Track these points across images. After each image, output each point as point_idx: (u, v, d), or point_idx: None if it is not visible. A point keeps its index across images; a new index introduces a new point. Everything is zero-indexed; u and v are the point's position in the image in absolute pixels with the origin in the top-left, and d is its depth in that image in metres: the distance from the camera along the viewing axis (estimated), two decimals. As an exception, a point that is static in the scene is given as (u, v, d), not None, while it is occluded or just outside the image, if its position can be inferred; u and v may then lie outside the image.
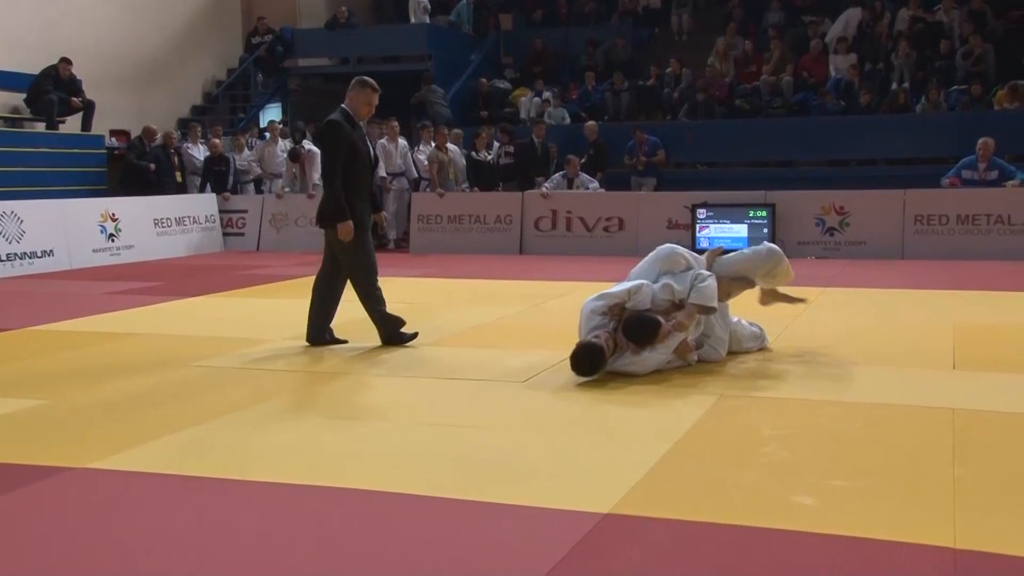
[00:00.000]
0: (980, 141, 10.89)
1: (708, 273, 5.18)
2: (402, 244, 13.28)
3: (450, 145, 13.20)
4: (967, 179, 10.95)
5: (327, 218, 5.77)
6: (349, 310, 7.29)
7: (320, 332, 5.95)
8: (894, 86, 14.00)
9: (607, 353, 4.81)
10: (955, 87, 13.69)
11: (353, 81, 5.92)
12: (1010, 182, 10.70)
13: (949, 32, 14.38)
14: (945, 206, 10.72)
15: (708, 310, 5.05)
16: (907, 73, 14.10)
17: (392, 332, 5.91)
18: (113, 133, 14.87)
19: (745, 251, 5.61)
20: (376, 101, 5.89)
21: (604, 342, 4.81)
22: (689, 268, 5.18)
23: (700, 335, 5.16)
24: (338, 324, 6.08)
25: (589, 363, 4.79)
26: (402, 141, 13.49)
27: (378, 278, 5.95)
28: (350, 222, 5.68)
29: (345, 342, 5.94)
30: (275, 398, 4.65)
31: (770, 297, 5.67)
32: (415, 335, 5.94)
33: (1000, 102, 13.18)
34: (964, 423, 3.96)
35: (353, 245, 5.78)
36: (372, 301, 5.91)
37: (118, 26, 15.54)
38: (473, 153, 13.44)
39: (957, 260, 10.12)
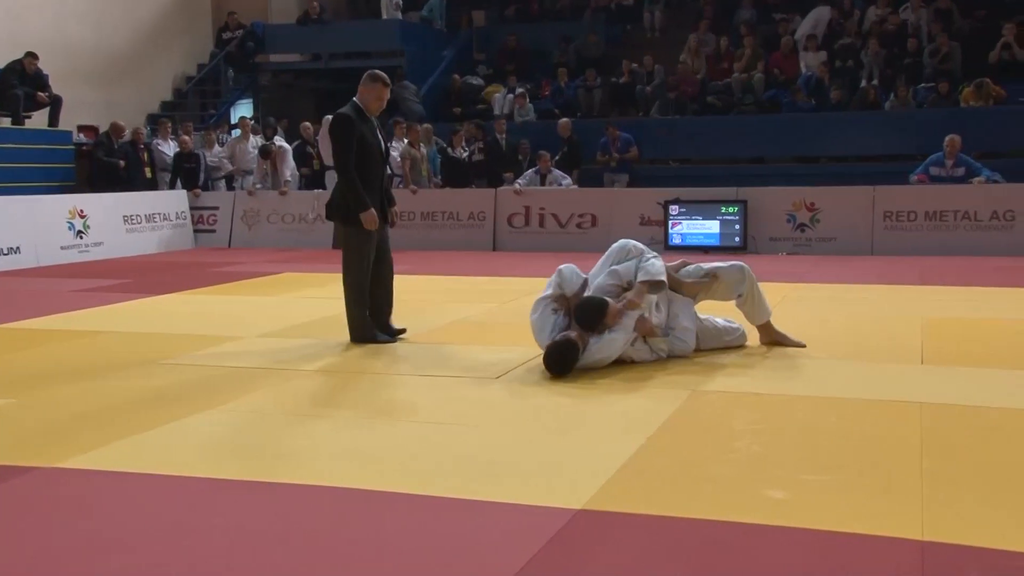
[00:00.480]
0: (947, 138, 11.02)
1: (654, 254, 5.22)
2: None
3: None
4: (935, 176, 11.08)
5: (341, 211, 5.77)
6: (320, 307, 7.27)
7: (383, 328, 5.93)
8: (863, 83, 14.14)
9: (580, 349, 4.83)
10: (923, 85, 13.85)
11: (364, 75, 5.87)
12: (976, 179, 10.84)
13: (916, 30, 14.54)
14: (914, 203, 10.84)
15: (657, 285, 5.02)
16: (876, 71, 14.24)
17: (364, 336, 5.86)
18: (81, 129, 14.69)
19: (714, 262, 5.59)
20: (387, 95, 5.86)
21: (576, 338, 4.82)
22: (640, 256, 5.19)
23: (666, 326, 5.13)
24: (308, 321, 6.05)
25: (561, 358, 4.80)
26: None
27: (368, 288, 5.88)
28: (372, 211, 5.68)
29: (403, 331, 5.98)
30: (245, 396, 4.62)
31: (768, 335, 5.51)
32: (390, 340, 5.89)
33: (966, 100, 13.35)
34: (932, 417, 4.01)
35: (356, 239, 5.77)
36: (355, 299, 5.87)
37: (85, 20, 15.35)
38: (449, 150, 13.42)
39: (925, 256, 10.25)
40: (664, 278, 5.09)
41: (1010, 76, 13.53)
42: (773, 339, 5.49)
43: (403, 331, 5.99)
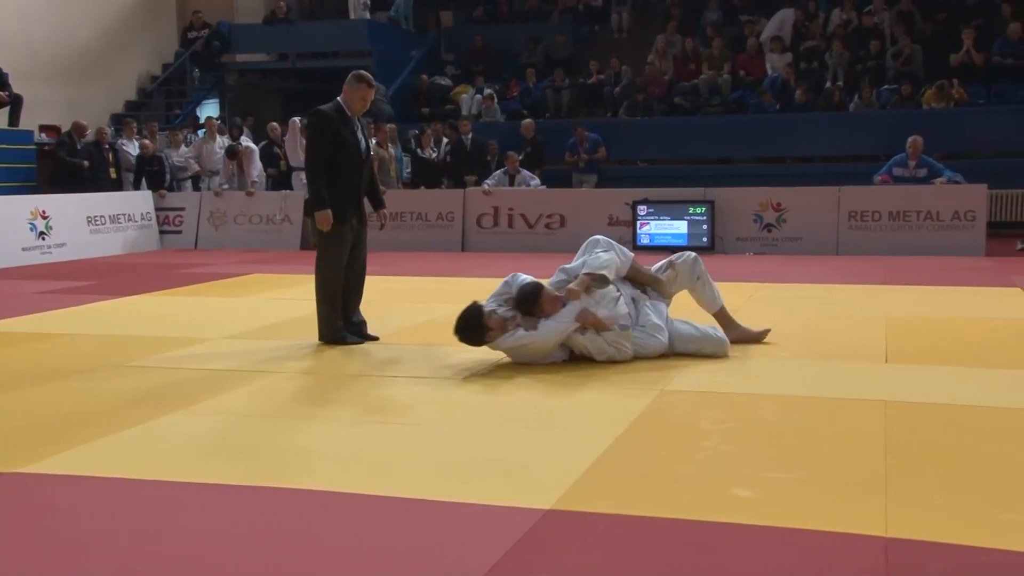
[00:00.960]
0: (910, 139, 11.18)
1: (618, 249, 5.22)
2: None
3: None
4: (898, 176, 11.23)
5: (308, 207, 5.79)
6: (289, 308, 7.23)
7: (349, 328, 5.91)
8: (828, 85, 14.31)
9: (485, 316, 4.90)
10: (886, 87, 14.03)
11: (349, 76, 5.86)
12: (938, 179, 11.00)
13: (879, 33, 14.74)
14: (878, 203, 10.97)
15: (599, 279, 4.99)
16: (841, 72, 14.41)
17: (332, 336, 5.84)
18: (43, 128, 14.49)
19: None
20: (370, 96, 5.83)
21: (489, 309, 4.95)
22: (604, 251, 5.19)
23: (635, 323, 5.09)
24: (277, 322, 6.02)
25: (464, 322, 4.94)
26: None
27: (340, 288, 5.86)
28: (328, 212, 5.66)
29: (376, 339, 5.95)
30: (213, 398, 4.58)
31: (730, 328, 5.49)
32: (359, 341, 5.86)
33: (928, 101, 13.55)
34: (896, 414, 4.06)
35: (327, 237, 5.77)
36: (325, 297, 5.85)
37: (47, 18, 15.14)
38: (419, 151, 13.39)
39: (889, 255, 10.38)
40: (608, 272, 5.01)
41: (969, 79, 13.76)
42: (736, 335, 5.48)
43: (375, 338, 5.93)
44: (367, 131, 6.03)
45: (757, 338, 5.57)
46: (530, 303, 4.98)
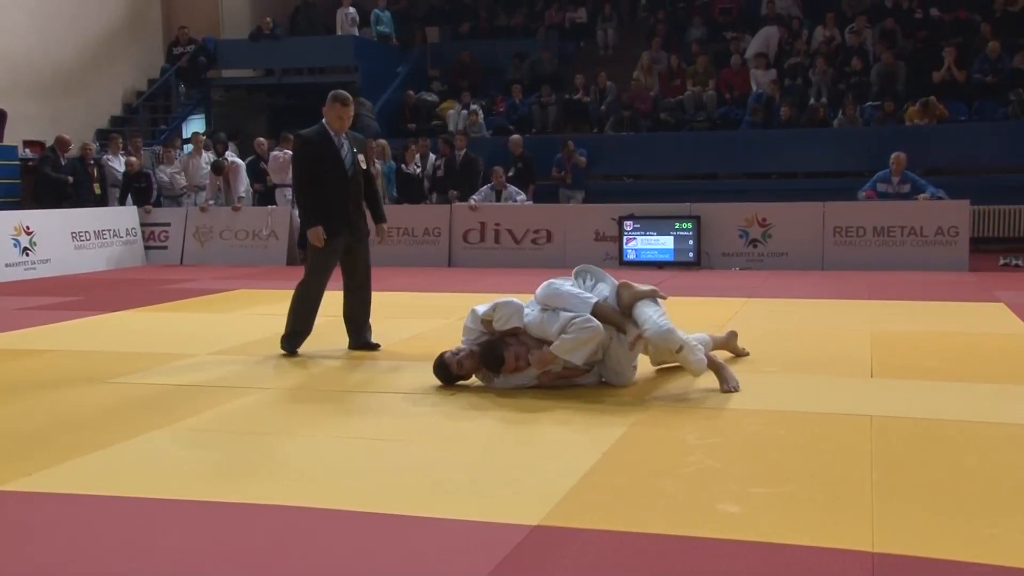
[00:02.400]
0: (893, 156, 11.26)
1: (585, 319, 4.73)
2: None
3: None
4: (882, 192, 11.31)
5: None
6: (275, 324, 7.19)
7: (358, 341, 6.12)
8: (812, 101, 14.42)
9: (453, 368, 4.92)
10: (869, 103, 14.16)
11: (329, 95, 6.05)
12: (921, 195, 11.09)
13: (861, 50, 14.87)
14: (862, 218, 11.04)
15: (566, 363, 4.80)
16: (824, 89, 14.53)
17: (286, 345, 6.01)
18: (27, 144, 14.42)
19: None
20: (347, 114, 5.96)
21: (459, 359, 4.92)
22: (575, 303, 4.85)
23: (598, 362, 4.92)
24: (262, 338, 6.00)
25: (437, 370, 5.00)
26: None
27: (320, 299, 6.03)
28: (319, 228, 5.87)
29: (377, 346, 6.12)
30: (197, 414, 4.56)
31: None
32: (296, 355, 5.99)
33: (911, 118, 13.66)
34: (881, 429, 4.07)
35: (314, 253, 6.00)
36: (296, 308, 6.00)
37: (29, 33, 15.08)
38: (403, 166, 13.39)
39: (874, 271, 10.44)
40: (577, 361, 4.74)
41: (951, 96, 13.90)
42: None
43: (377, 346, 6.12)
44: (367, 147, 6.24)
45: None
46: (492, 368, 4.90)
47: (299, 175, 6.03)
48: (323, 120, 5.99)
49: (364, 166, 6.11)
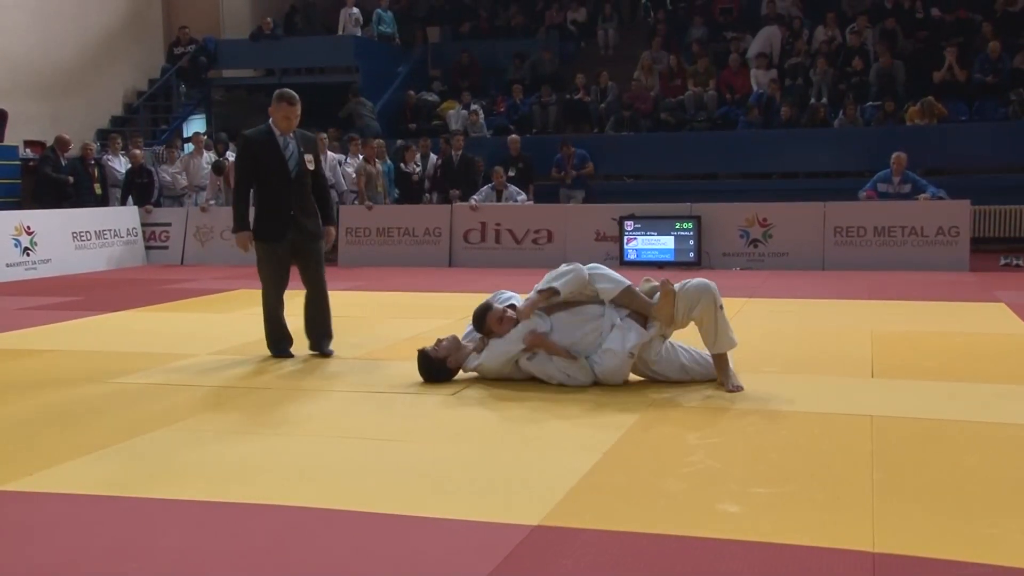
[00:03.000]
0: (894, 156, 11.26)
1: (593, 267, 5.00)
2: (330, 257, 13.13)
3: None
4: (883, 192, 11.31)
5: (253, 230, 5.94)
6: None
7: (315, 346, 6.03)
8: (813, 101, 14.41)
9: (431, 353, 5.07)
10: (870, 103, 14.15)
11: (274, 94, 5.96)
12: (922, 195, 11.08)
13: (862, 50, 14.87)
14: (863, 218, 11.04)
15: (548, 292, 4.88)
16: (825, 89, 14.53)
17: (273, 349, 6.00)
18: (28, 144, 14.42)
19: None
20: (293, 113, 5.81)
21: (437, 343, 5.10)
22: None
23: (595, 345, 4.87)
24: (262, 338, 6.00)
25: (424, 370, 5.10)
26: (331, 153, 13.40)
27: (278, 302, 6.00)
28: (244, 233, 5.86)
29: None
30: (198, 414, 4.56)
31: (721, 371, 4.99)
32: (291, 355, 5.96)
33: (912, 118, 13.66)
34: (882, 429, 4.07)
35: (260, 258, 5.95)
36: (266, 315, 6.01)
37: (29, 33, 15.08)
38: (402, 165, 13.40)
39: (874, 271, 10.44)
40: (558, 285, 4.86)
41: (951, 96, 13.90)
42: (722, 379, 4.87)
43: (330, 353, 5.98)
44: (317, 147, 6.02)
45: (730, 387, 4.85)
46: (479, 323, 5.07)
47: (238, 176, 5.93)
48: (270, 120, 5.88)
49: (311, 166, 5.90)
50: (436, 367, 5.10)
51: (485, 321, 5.04)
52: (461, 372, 5.18)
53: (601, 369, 4.84)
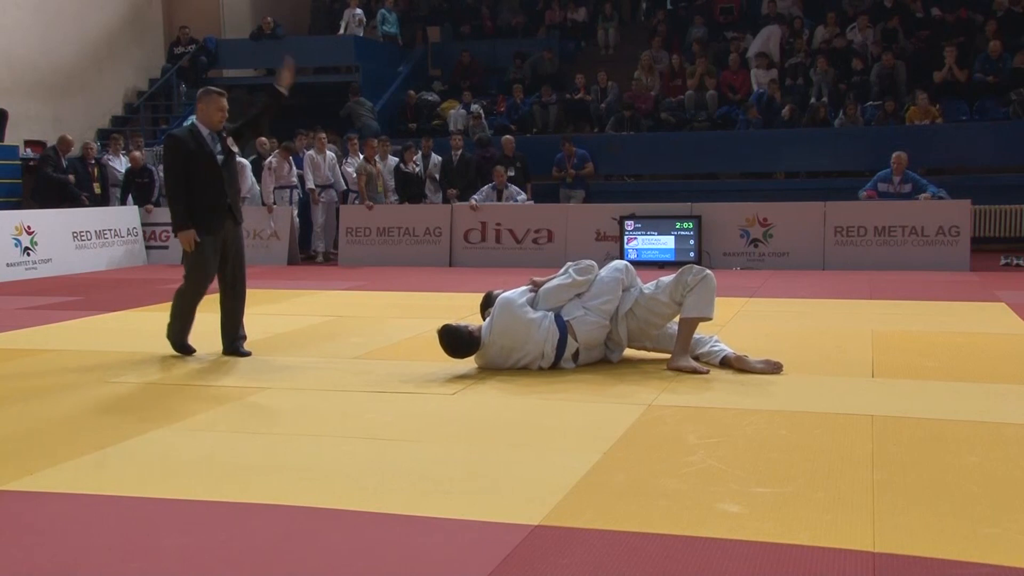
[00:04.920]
0: (894, 155, 11.26)
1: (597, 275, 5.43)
2: (331, 257, 13.16)
3: (386, 157, 13.22)
4: (883, 192, 11.30)
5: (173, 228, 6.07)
6: (275, 324, 7.21)
7: (230, 344, 6.07)
8: (813, 101, 14.41)
9: (463, 329, 5.29)
10: (870, 102, 14.15)
11: (199, 93, 6.09)
12: (922, 195, 11.08)
13: (863, 50, 14.87)
14: (863, 218, 11.04)
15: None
16: (825, 88, 14.52)
17: (175, 344, 6.08)
18: (29, 144, 14.42)
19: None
20: (225, 103, 5.99)
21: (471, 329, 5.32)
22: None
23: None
24: (262, 338, 6.00)
25: (450, 344, 5.28)
26: (330, 153, 13.40)
27: (200, 297, 6.07)
28: (190, 232, 5.90)
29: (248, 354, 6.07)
30: (198, 414, 4.56)
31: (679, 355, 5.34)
32: (192, 351, 6.04)
33: (913, 118, 13.65)
34: (883, 429, 4.07)
35: (189, 253, 5.99)
36: (179, 310, 6.06)
37: (30, 33, 15.08)
38: (402, 165, 13.41)
39: (875, 270, 10.43)
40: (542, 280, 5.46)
41: (952, 95, 13.89)
42: (679, 365, 5.24)
43: (248, 354, 6.03)
44: (225, 142, 6.05)
45: (692, 370, 5.22)
46: (487, 302, 5.59)
47: (171, 176, 5.99)
48: (194, 119, 6.03)
49: (233, 148, 6.05)
50: (463, 337, 5.24)
51: (491, 295, 5.52)
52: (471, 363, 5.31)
53: (587, 328, 5.27)
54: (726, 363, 5.31)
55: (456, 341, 5.28)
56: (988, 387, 4.87)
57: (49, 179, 12.76)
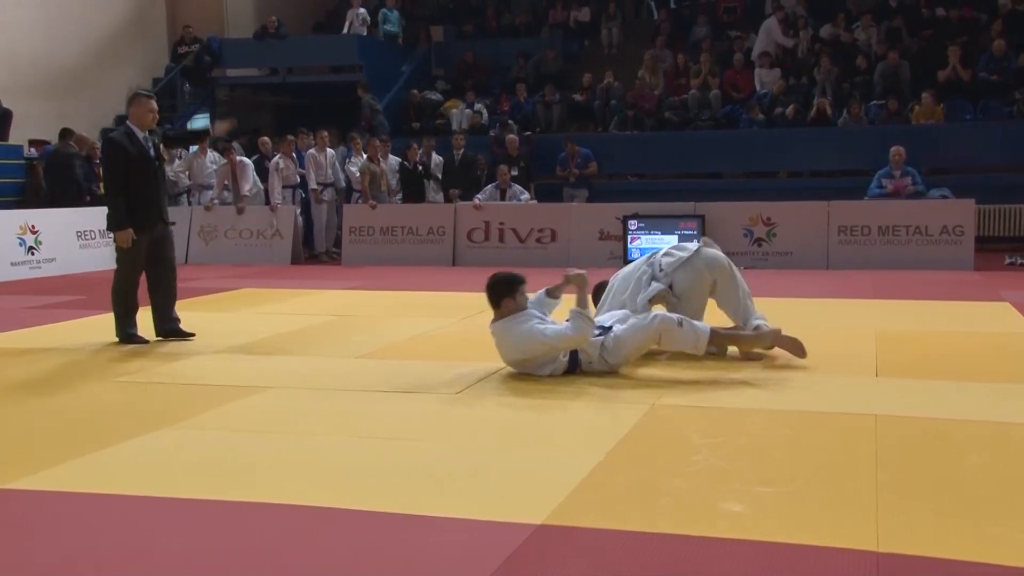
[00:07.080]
0: (892, 149, 11.26)
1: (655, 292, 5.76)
2: (334, 255, 13.17)
3: (390, 156, 13.24)
4: (883, 188, 11.30)
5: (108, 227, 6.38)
6: (279, 323, 7.20)
7: (170, 330, 6.49)
8: (817, 99, 14.37)
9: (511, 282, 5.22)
10: (874, 102, 14.12)
11: (130, 97, 6.53)
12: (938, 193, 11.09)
13: (867, 48, 14.84)
14: (867, 217, 11.02)
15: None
16: (829, 87, 14.49)
17: (124, 335, 6.38)
18: (32, 143, 14.43)
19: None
20: (155, 106, 6.45)
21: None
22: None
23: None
24: (266, 337, 5.99)
25: (502, 281, 5.21)
26: (331, 151, 13.41)
27: (135, 289, 6.40)
28: (128, 231, 6.25)
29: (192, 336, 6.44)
30: (201, 413, 4.55)
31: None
32: (146, 341, 6.33)
33: (918, 117, 13.62)
34: (886, 428, 4.06)
35: (120, 251, 6.37)
36: (119, 301, 6.39)
37: (34, 32, 15.09)
38: (405, 163, 13.40)
39: (879, 270, 10.41)
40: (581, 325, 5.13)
41: (956, 95, 13.86)
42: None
43: (192, 335, 6.43)
44: (156, 144, 6.49)
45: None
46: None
47: (110, 177, 6.33)
48: (128, 122, 6.42)
49: (164, 155, 6.52)
50: (514, 277, 5.19)
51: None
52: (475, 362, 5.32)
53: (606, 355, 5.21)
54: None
55: (505, 279, 5.20)
56: (992, 386, 4.86)
57: (77, 183, 12.65)
